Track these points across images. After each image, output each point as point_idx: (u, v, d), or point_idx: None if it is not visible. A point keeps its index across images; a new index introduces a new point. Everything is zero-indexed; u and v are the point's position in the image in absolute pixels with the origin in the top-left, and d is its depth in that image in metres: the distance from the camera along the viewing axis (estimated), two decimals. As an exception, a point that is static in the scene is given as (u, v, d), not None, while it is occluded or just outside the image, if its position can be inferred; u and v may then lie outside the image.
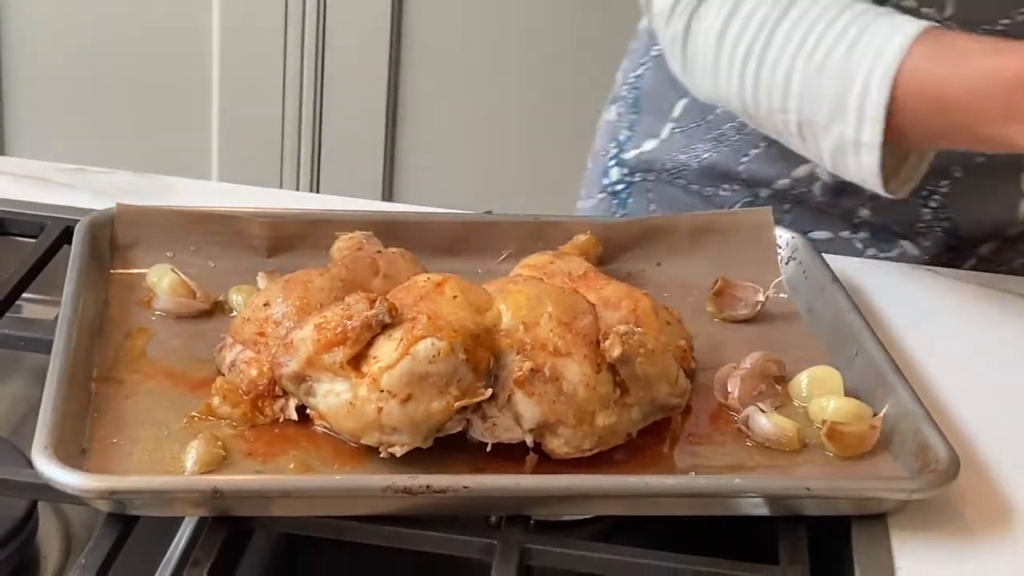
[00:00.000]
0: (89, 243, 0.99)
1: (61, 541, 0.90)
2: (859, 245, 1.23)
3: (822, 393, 0.92)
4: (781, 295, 1.05)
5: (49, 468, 0.76)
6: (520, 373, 0.82)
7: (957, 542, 0.83)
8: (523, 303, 0.84)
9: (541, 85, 2.56)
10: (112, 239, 1.02)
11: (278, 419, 0.86)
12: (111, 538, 0.77)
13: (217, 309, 0.98)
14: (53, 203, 1.11)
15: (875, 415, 0.89)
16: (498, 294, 0.85)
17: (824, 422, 0.88)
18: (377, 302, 0.82)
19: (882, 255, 1.23)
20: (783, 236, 1.08)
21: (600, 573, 0.80)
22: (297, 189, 2.62)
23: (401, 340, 0.81)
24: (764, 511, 0.82)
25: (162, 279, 0.98)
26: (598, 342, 0.83)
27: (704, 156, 1.24)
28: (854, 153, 1.01)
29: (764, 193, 1.23)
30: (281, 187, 2.59)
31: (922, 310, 1.09)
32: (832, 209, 1.22)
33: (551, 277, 0.94)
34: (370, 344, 0.82)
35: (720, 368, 0.93)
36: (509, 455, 0.84)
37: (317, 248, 1.04)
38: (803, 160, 1.18)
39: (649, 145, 1.28)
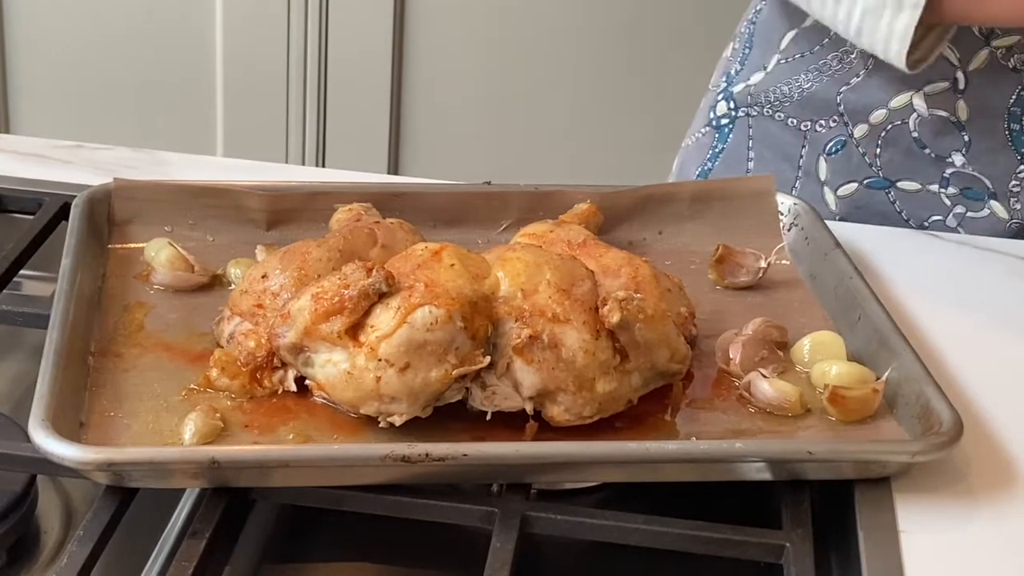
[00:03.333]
0: (87, 218, 0.99)
1: (61, 515, 0.90)
2: (947, 201, 1.22)
3: (824, 358, 0.91)
4: (783, 261, 1.04)
5: (46, 441, 0.76)
6: (519, 340, 0.81)
7: (961, 504, 0.82)
8: (521, 270, 0.84)
9: (547, 59, 2.55)
10: (110, 214, 1.02)
11: (277, 391, 0.86)
12: (110, 510, 0.77)
13: (216, 282, 0.98)
14: (51, 180, 1.11)
15: (878, 379, 0.88)
16: (496, 262, 0.85)
17: (826, 387, 0.87)
18: (374, 271, 0.81)
19: (969, 215, 1.21)
20: (785, 203, 1.08)
21: (601, 540, 0.80)
22: (303, 165, 2.61)
23: (398, 308, 0.80)
24: (766, 476, 0.81)
25: (160, 253, 0.97)
26: (597, 309, 0.83)
27: (806, 87, 1.24)
28: (894, 10, 1.01)
29: (860, 131, 1.22)
30: (287, 164, 2.58)
31: (924, 275, 1.08)
32: (925, 152, 1.21)
33: (551, 245, 0.93)
34: (368, 313, 0.81)
35: (722, 334, 0.93)
36: (509, 424, 0.84)
37: (316, 221, 1.03)
38: (901, 89, 1.18)
39: (756, 78, 1.28)
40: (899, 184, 1.18)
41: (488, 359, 0.81)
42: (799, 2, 1.14)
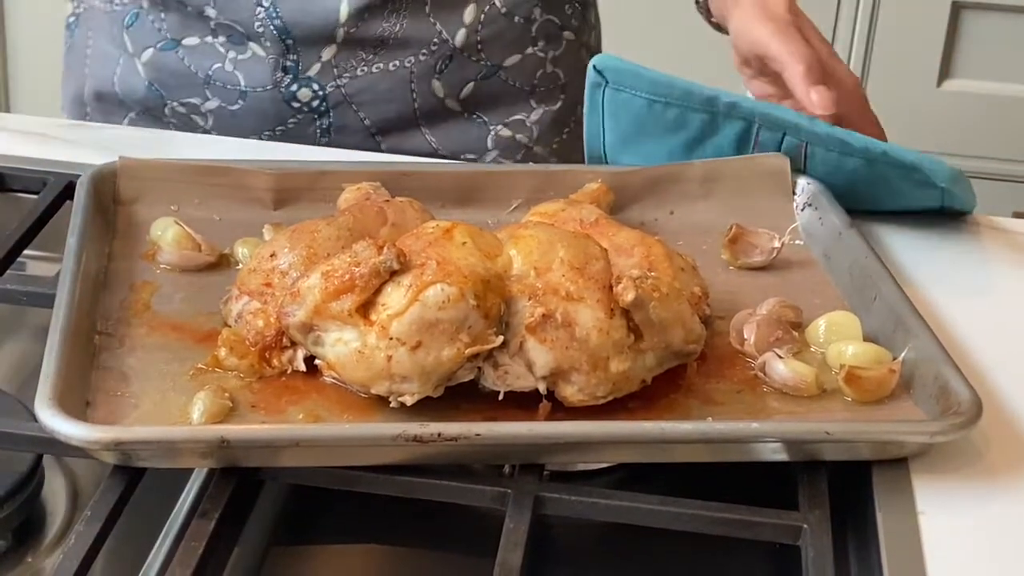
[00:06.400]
0: (92, 196, 0.98)
1: (67, 496, 0.89)
2: (221, 50, 1.24)
3: (840, 338, 0.90)
4: (796, 241, 1.03)
5: (53, 420, 0.75)
6: (532, 319, 0.80)
7: (980, 485, 0.81)
8: (534, 248, 0.83)
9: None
10: (115, 193, 1.00)
11: (286, 370, 0.85)
12: (117, 491, 0.76)
13: (223, 262, 0.97)
14: (55, 159, 1.10)
15: (894, 360, 0.87)
16: (508, 239, 0.84)
17: (842, 367, 0.86)
18: (385, 248, 0.80)
19: (240, 57, 1.23)
20: (799, 182, 1.06)
21: (615, 521, 0.79)
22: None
23: (410, 287, 0.79)
24: (782, 456, 0.80)
25: (166, 232, 0.96)
26: (611, 287, 0.82)
27: None
28: None
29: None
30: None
31: (939, 256, 1.07)
32: (188, 10, 1.24)
33: (563, 224, 0.92)
34: (378, 292, 0.80)
35: (736, 314, 0.92)
36: (521, 404, 0.83)
37: (323, 200, 1.02)
38: None
39: None
40: (184, 42, 1.23)
41: (501, 338, 0.80)
42: None
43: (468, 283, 0.79)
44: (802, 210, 1.05)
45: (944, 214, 1.10)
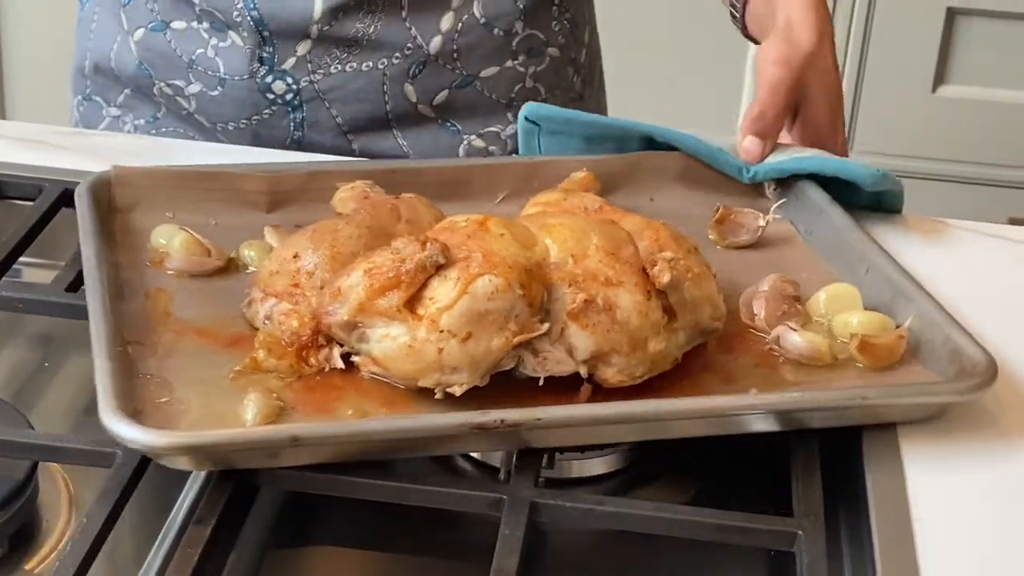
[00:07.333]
0: (94, 206, 0.97)
1: (62, 503, 0.89)
2: (205, 36, 1.26)
3: (841, 309, 0.94)
4: (776, 217, 1.06)
5: (127, 430, 0.75)
6: (575, 305, 0.83)
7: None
8: (568, 236, 0.85)
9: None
10: (111, 202, 1.00)
11: (323, 368, 0.86)
12: (113, 498, 0.76)
13: (231, 266, 0.97)
14: (51, 165, 1.09)
15: (897, 327, 0.92)
16: (540, 229, 0.86)
17: (853, 336, 0.90)
18: (427, 244, 0.82)
19: (221, 45, 1.25)
20: (772, 162, 1.10)
21: (611, 528, 0.80)
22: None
23: (458, 279, 0.81)
24: (815, 424, 0.84)
25: (173, 238, 0.96)
26: (643, 270, 0.85)
27: None
28: None
29: None
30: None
31: (939, 263, 1.06)
32: None
33: (570, 212, 0.94)
34: (423, 286, 0.82)
35: (743, 292, 0.95)
36: (553, 390, 0.84)
37: (317, 201, 1.03)
38: None
39: None
40: (172, 25, 1.25)
41: (546, 325, 0.82)
42: None
43: (513, 273, 0.81)
44: (774, 189, 1.09)
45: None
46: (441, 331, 0.80)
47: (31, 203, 1.04)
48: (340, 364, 0.86)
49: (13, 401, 0.92)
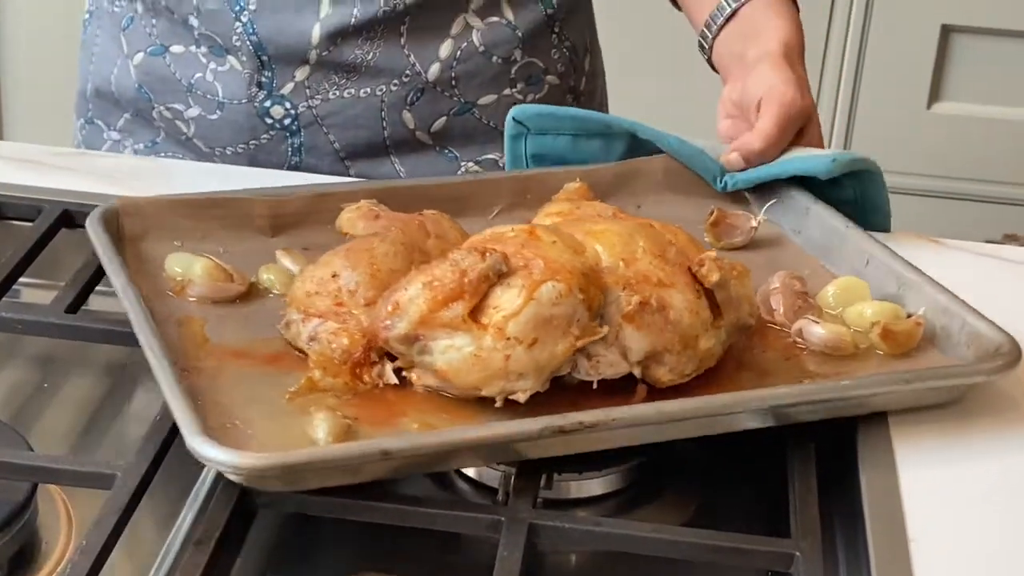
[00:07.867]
0: (107, 235, 0.96)
1: (62, 525, 0.89)
2: (203, 60, 1.27)
3: (851, 301, 0.98)
4: (764, 218, 1.10)
5: (218, 453, 0.75)
6: (630, 307, 0.85)
7: (972, 511, 0.84)
8: (616, 241, 0.87)
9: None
10: (120, 231, 0.99)
11: (376, 385, 0.86)
12: (112, 520, 0.76)
13: (252, 290, 0.97)
14: (49, 187, 1.08)
15: (909, 315, 0.96)
16: (585, 236, 0.88)
17: (874, 324, 0.94)
18: (488, 254, 0.83)
19: (220, 69, 1.26)
20: (753, 166, 1.13)
21: (609, 549, 0.82)
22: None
23: (522, 287, 0.82)
24: (856, 411, 0.87)
25: (193, 265, 0.96)
26: (689, 269, 0.87)
27: None
28: None
29: (141, 7, 1.28)
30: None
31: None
32: (174, 16, 1.27)
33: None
34: (485, 296, 0.83)
35: (759, 288, 0.98)
36: (603, 392, 0.86)
37: (322, 223, 1.03)
38: None
39: None
40: (171, 49, 1.27)
41: (606, 328, 0.84)
42: None
43: (573, 278, 0.83)
44: (754, 191, 1.13)
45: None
46: (508, 339, 0.82)
47: (30, 224, 1.04)
48: (394, 379, 0.86)
49: (12, 422, 0.92)
